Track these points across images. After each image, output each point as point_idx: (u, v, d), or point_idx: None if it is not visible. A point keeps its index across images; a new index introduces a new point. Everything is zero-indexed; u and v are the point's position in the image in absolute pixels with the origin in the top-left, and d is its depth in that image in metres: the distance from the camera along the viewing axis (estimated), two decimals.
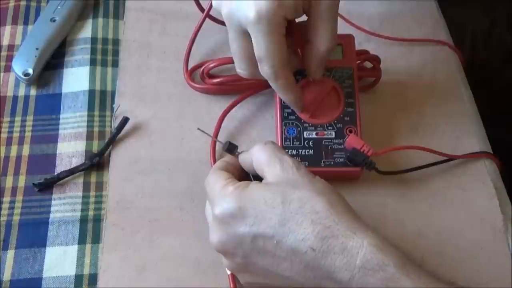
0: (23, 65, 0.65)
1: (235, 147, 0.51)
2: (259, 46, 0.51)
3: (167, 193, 0.57)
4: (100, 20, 0.71)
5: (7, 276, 0.53)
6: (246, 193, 0.45)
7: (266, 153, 0.47)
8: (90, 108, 0.63)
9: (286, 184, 0.45)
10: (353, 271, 0.41)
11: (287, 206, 0.44)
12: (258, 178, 0.48)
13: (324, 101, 0.58)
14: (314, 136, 0.57)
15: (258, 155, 0.48)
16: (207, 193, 0.48)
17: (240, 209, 0.44)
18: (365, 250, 0.42)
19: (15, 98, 0.65)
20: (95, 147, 0.61)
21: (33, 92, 0.65)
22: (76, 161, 0.60)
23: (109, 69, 0.67)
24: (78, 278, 0.53)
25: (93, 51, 0.68)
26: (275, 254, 0.44)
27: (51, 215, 0.57)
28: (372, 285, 0.41)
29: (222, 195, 0.46)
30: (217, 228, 0.46)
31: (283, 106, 0.58)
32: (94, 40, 0.69)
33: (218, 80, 0.63)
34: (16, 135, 0.62)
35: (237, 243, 0.45)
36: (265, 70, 0.52)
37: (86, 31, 0.70)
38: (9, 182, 0.59)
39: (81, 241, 0.55)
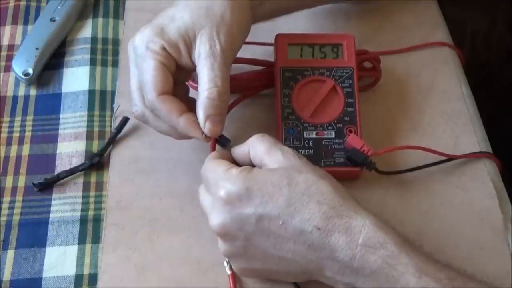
0: (23, 65, 0.65)
1: (228, 141, 0.52)
2: (139, 72, 0.51)
3: (167, 193, 0.57)
4: (100, 20, 0.71)
5: (7, 276, 0.53)
6: (252, 175, 0.46)
7: (265, 143, 0.48)
8: (90, 108, 0.64)
9: (290, 169, 0.46)
10: (355, 250, 0.43)
11: (294, 188, 0.45)
12: None
13: (324, 101, 0.58)
14: (314, 136, 0.57)
15: (256, 145, 0.49)
16: (206, 178, 0.49)
17: (247, 190, 0.45)
18: (367, 229, 0.43)
19: (15, 98, 0.65)
20: (95, 147, 0.61)
21: (33, 92, 0.65)
22: (76, 161, 0.60)
23: (109, 69, 0.67)
24: (78, 278, 0.53)
25: (93, 51, 0.68)
26: (279, 235, 0.45)
27: (51, 215, 0.57)
28: (373, 262, 0.43)
29: (227, 177, 0.46)
30: (220, 209, 0.46)
31: (283, 106, 0.58)
32: (94, 40, 0.69)
33: None
34: (16, 135, 0.62)
35: (241, 224, 0.45)
36: (147, 99, 0.51)
37: (86, 31, 0.70)
38: (9, 182, 0.59)
39: (81, 241, 0.55)
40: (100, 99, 0.64)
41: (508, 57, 1.01)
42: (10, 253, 0.55)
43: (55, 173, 0.59)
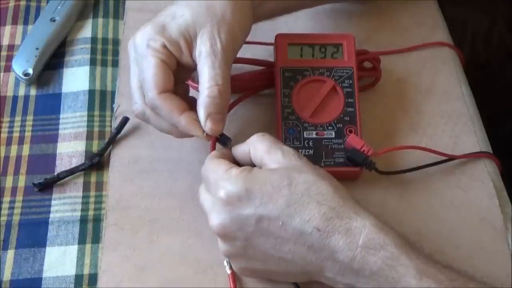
0: (23, 65, 0.65)
1: (229, 139, 0.52)
2: (140, 70, 0.51)
3: (167, 193, 0.57)
4: (100, 20, 0.71)
5: (7, 276, 0.53)
6: (252, 175, 0.46)
7: (265, 143, 0.48)
8: (90, 108, 0.64)
9: (290, 169, 0.46)
10: (355, 251, 0.43)
11: (294, 188, 0.45)
12: None
13: (324, 101, 0.58)
14: (314, 136, 0.57)
15: (257, 144, 0.49)
16: (206, 178, 0.49)
17: (247, 191, 0.45)
18: (367, 230, 0.43)
19: (15, 98, 0.65)
20: (95, 147, 0.61)
21: (33, 92, 0.65)
22: (76, 161, 0.60)
23: (109, 69, 0.67)
24: (78, 278, 0.53)
25: (93, 51, 0.68)
26: (279, 236, 0.45)
27: (51, 215, 0.57)
28: (373, 264, 0.43)
29: (227, 177, 0.46)
30: (220, 210, 0.46)
31: (283, 106, 0.58)
32: (94, 40, 0.69)
33: None
34: (16, 135, 0.62)
35: (241, 225, 0.45)
36: (147, 97, 0.51)
37: (86, 31, 0.70)
38: (9, 182, 0.59)
39: (81, 241, 0.55)
40: (100, 99, 0.64)
41: (508, 57, 1.01)
42: (10, 253, 0.55)
43: (55, 173, 0.59)
